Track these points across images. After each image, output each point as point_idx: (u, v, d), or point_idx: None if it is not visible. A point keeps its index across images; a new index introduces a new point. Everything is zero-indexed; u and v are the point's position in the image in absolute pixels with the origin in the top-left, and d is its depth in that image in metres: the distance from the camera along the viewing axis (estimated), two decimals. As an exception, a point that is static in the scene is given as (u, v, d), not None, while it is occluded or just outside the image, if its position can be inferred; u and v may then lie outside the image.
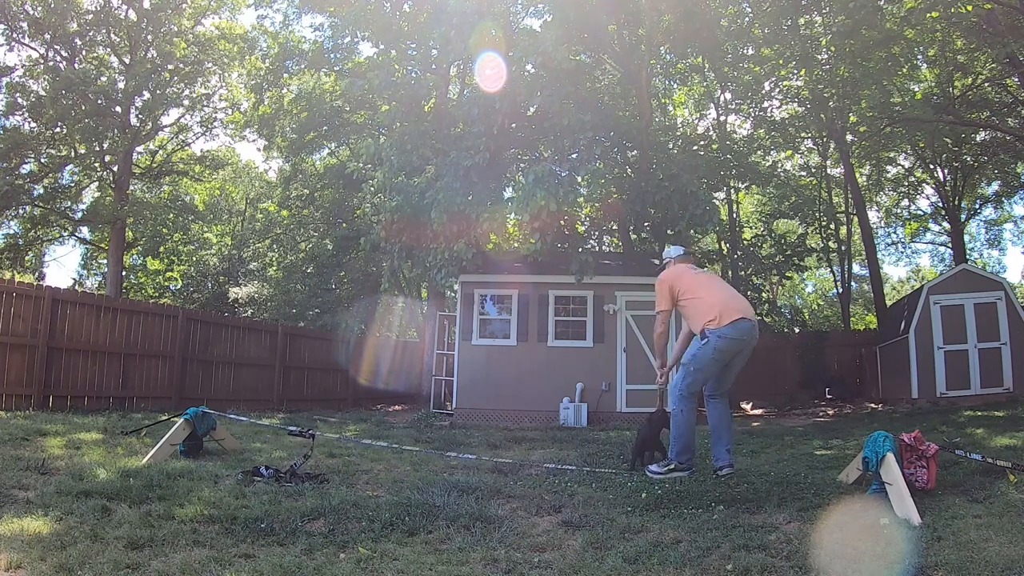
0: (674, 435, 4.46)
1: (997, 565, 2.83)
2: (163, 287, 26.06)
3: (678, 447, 4.42)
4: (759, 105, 19.02)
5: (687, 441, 4.42)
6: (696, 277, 4.70)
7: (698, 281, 4.66)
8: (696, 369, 4.38)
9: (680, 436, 4.43)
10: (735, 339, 4.36)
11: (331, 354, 14.98)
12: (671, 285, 4.70)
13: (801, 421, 11.06)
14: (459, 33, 11.83)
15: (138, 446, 5.93)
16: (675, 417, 4.43)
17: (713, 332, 4.32)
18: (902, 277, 35.44)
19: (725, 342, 4.33)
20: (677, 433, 4.45)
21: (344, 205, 20.77)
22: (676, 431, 4.44)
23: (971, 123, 16.33)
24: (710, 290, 4.60)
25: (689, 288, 4.64)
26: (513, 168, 14.79)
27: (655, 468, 4.44)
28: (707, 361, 4.37)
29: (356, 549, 3.28)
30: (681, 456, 4.40)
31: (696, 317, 4.52)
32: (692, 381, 4.41)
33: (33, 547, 3.00)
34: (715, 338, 4.31)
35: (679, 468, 4.37)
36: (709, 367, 4.40)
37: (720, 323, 4.34)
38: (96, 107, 16.92)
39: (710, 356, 4.35)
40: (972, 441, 6.34)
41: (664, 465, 4.40)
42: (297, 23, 31.73)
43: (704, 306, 4.48)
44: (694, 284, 4.66)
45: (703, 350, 4.35)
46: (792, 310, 28.08)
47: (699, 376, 4.41)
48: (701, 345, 4.37)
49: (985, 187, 22.42)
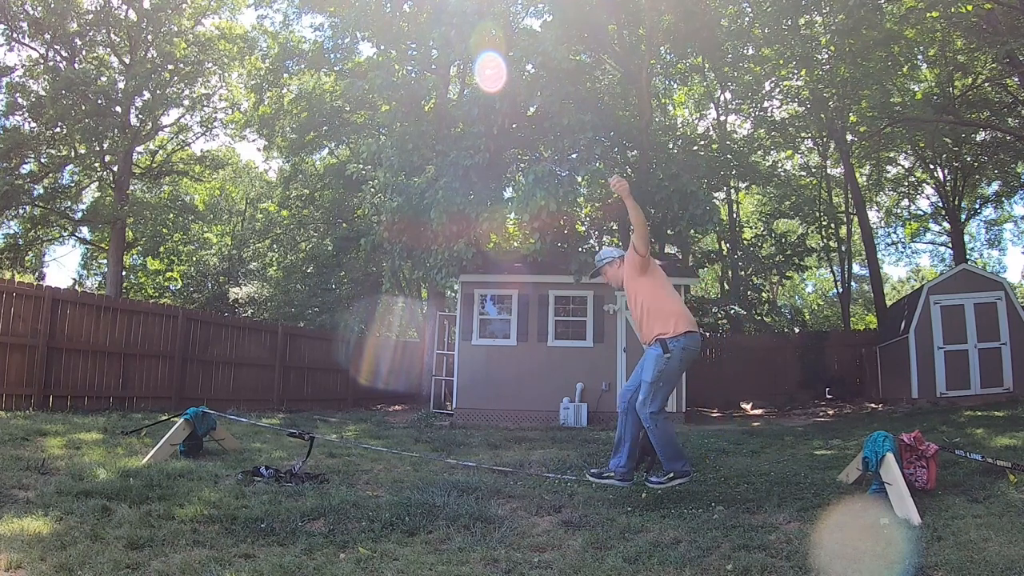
0: (660, 449, 4.35)
1: (997, 565, 2.83)
2: (163, 287, 26.06)
3: (668, 457, 4.33)
4: (759, 105, 19.03)
5: (675, 449, 4.33)
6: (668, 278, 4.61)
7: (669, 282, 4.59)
8: (664, 384, 4.29)
9: (666, 448, 4.32)
10: (693, 349, 4.35)
11: (331, 354, 14.98)
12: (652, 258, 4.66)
13: (801, 421, 11.06)
14: (459, 33, 11.83)
15: (138, 446, 5.93)
16: (653, 433, 4.30)
17: (677, 343, 4.27)
18: (902, 277, 35.47)
19: (687, 353, 4.31)
20: (663, 446, 4.33)
21: (344, 205, 20.78)
22: (661, 445, 4.33)
23: (971, 123, 16.32)
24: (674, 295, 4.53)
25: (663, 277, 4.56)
26: (513, 168, 14.78)
27: (655, 479, 4.33)
28: (674, 374, 4.31)
29: (356, 549, 3.28)
30: (674, 464, 4.32)
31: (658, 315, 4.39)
32: (662, 397, 4.29)
33: (33, 547, 3.00)
34: (679, 350, 4.27)
35: (678, 476, 4.30)
36: (675, 379, 4.35)
37: (678, 331, 4.29)
38: (96, 107, 16.91)
39: (676, 368, 4.29)
40: (972, 441, 6.34)
41: (664, 475, 4.31)
42: (297, 23, 31.72)
43: (668, 307, 4.40)
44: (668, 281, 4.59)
45: (669, 364, 4.26)
46: (792, 310, 28.05)
47: (667, 390, 4.31)
48: (666, 360, 4.26)
49: (985, 187, 22.42)
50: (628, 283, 4.63)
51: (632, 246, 4.52)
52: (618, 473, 4.39)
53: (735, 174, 19.19)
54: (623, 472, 4.40)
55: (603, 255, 4.92)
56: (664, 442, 4.28)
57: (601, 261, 4.91)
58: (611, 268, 4.83)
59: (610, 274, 4.86)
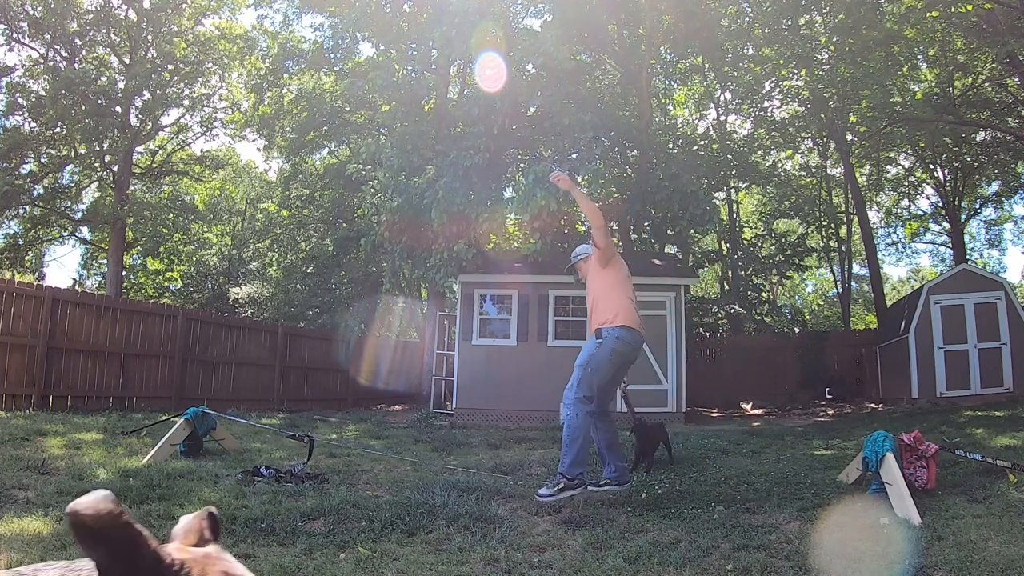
0: (567, 442, 4.16)
1: (997, 565, 2.83)
2: (163, 287, 26.05)
3: (571, 458, 4.11)
4: (759, 105, 19.03)
5: (579, 452, 4.13)
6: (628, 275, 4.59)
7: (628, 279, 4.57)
8: (592, 371, 4.22)
9: (572, 444, 4.14)
10: (631, 344, 4.31)
11: (331, 354, 14.98)
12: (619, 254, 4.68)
13: (801, 421, 11.06)
14: (459, 33, 11.83)
15: (138, 446, 5.93)
16: (568, 421, 4.19)
17: (612, 332, 4.24)
18: (902, 277, 35.46)
19: (621, 344, 4.25)
20: (570, 440, 4.14)
21: (344, 205, 20.78)
22: (569, 437, 4.15)
23: (971, 123, 16.32)
24: (630, 292, 4.51)
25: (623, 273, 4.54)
26: (513, 168, 14.80)
27: (544, 491, 4.09)
28: (603, 362, 4.23)
29: (356, 549, 3.28)
30: (572, 470, 4.10)
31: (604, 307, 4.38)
32: (588, 383, 4.22)
33: (33, 547, 3.00)
34: (612, 339, 4.23)
35: (569, 486, 4.07)
36: (605, 369, 4.26)
37: (616, 323, 4.27)
38: (96, 107, 16.91)
39: (606, 356, 4.22)
40: (972, 441, 6.34)
41: (554, 485, 4.09)
42: (297, 23, 31.70)
43: (615, 301, 4.36)
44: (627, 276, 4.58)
45: (600, 350, 4.22)
46: (792, 310, 28.07)
47: (595, 378, 4.22)
48: (597, 346, 4.24)
49: (985, 187, 22.42)
50: (589, 278, 4.63)
51: (592, 240, 4.53)
52: (613, 480, 4.38)
53: (735, 174, 19.19)
54: (616, 476, 4.40)
55: (577, 252, 4.91)
56: (573, 437, 4.15)
57: (576, 257, 4.90)
58: (584, 264, 4.81)
59: (583, 270, 4.84)
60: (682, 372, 11.37)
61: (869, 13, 13.31)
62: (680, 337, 11.52)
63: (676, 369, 11.30)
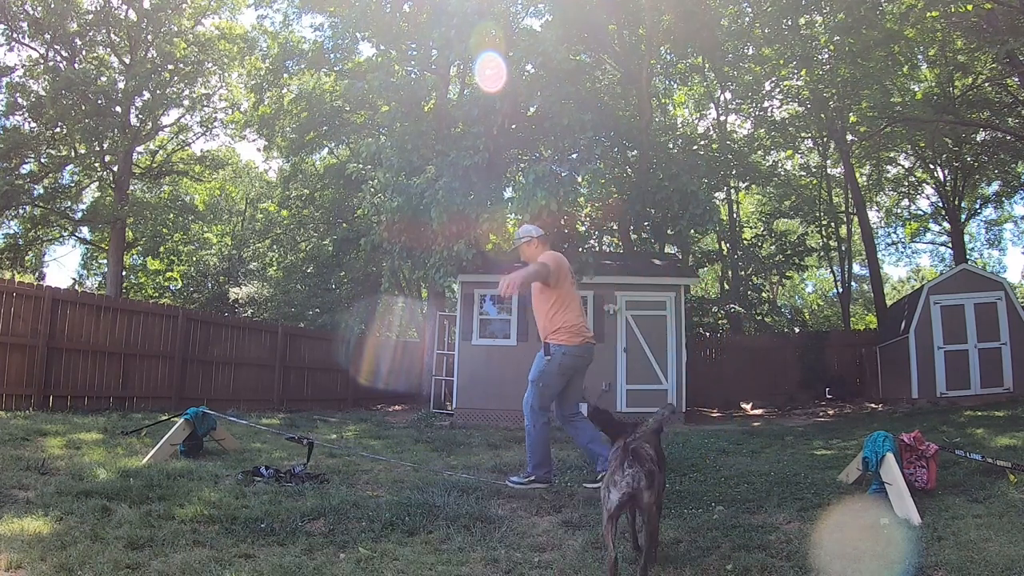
0: (530, 451, 4.57)
1: (997, 565, 2.83)
2: (163, 287, 26.05)
3: (535, 461, 4.53)
4: (759, 105, 19.03)
5: (543, 455, 4.54)
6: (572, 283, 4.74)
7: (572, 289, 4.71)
8: (544, 385, 4.51)
9: (535, 450, 4.53)
10: (579, 356, 4.55)
11: (331, 354, 14.98)
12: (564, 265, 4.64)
13: (801, 421, 11.06)
14: (459, 33, 11.82)
15: (138, 446, 5.93)
16: (529, 431, 4.55)
17: (559, 348, 4.47)
18: (902, 277, 35.48)
19: (569, 359, 4.50)
20: (533, 448, 4.54)
21: (344, 205, 20.77)
22: (531, 446, 4.55)
23: (971, 123, 16.33)
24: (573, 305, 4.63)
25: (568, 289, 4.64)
26: (513, 168, 14.79)
27: (515, 479, 4.53)
28: (553, 375, 4.50)
29: (356, 549, 3.28)
30: (538, 470, 4.51)
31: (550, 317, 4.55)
32: (542, 396, 4.52)
33: (33, 547, 3.00)
34: (559, 354, 4.47)
35: (539, 480, 4.50)
36: (556, 382, 4.54)
37: (569, 341, 4.49)
38: (96, 107, 16.91)
39: (555, 371, 4.49)
40: (972, 441, 6.34)
41: (526, 476, 4.53)
42: (297, 23, 31.68)
43: (560, 315, 4.54)
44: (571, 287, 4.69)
45: (548, 366, 4.48)
46: (792, 310, 28.09)
47: (547, 391, 4.53)
48: (546, 362, 4.49)
49: (985, 187, 22.43)
50: (534, 292, 4.77)
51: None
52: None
53: (735, 174, 19.20)
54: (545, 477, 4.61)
55: (520, 233, 4.99)
56: (536, 445, 4.51)
57: (519, 240, 4.97)
58: (528, 247, 4.90)
59: (527, 253, 4.91)
60: (682, 372, 11.37)
61: (869, 13, 13.31)
62: (680, 337, 11.52)
63: (676, 369, 11.31)
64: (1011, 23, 12.33)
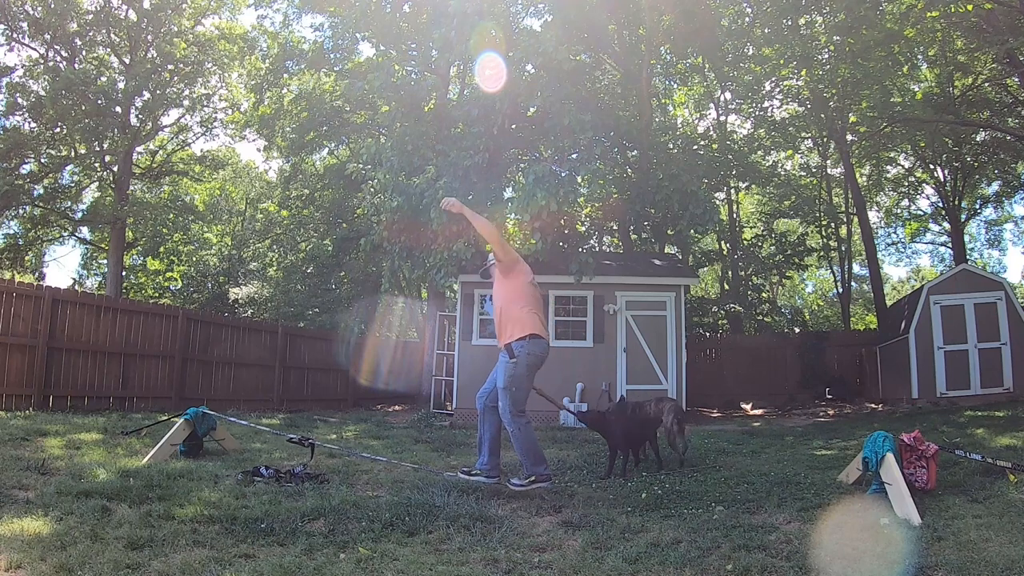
0: (522, 453, 4.62)
1: (997, 565, 2.83)
2: (163, 287, 26.04)
3: (530, 460, 4.58)
4: (759, 105, 19.02)
5: (536, 454, 4.61)
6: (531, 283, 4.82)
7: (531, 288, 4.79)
8: (517, 388, 4.58)
9: (528, 451, 4.59)
10: (538, 355, 4.64)
11: (331, 354, 14.97)
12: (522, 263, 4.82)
13: (801, 421, 11.06)
14: (459, 34, 11.81)
15: (138, 446, 5.93)
16: (515, 436, 4.60)
17: (521, 347, 4.56)
18: (902, 277, 35.48)
19: (532, 357, 4.60)
20: (524, 449, 4.60)
21: (344, 205, 20.77)
22: (522, 449, 4.60)
23: (971, 123, 16.33)
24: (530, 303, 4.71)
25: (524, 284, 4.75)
26: (513, 168, 14.78)
27: (516, 481, 4.56)
28: (522, 377, 4.59)
29: (356, 549, 3.28)
30: (537, 468, 4.56)
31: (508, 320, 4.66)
32: (516, 401, 4.58)
33: (33, 547, 3.00)
34: (524, 355, 4.57)
35: (539, 480, 4.54)
36: (524, 383, 4.62)
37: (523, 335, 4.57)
38: (96, 107, 16.91)
39: (523, 372, 4.58)
40: (972, 441, 6.34)
41: (526, 478, 4.54)
42: (297, 23, 31.76)
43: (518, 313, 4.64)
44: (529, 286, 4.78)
45: (517, 369, 4.57)
46: (792, 310, 28.10)
47: (520, 394, 4.60)
48: (513, 365, 4.57)
49: (985, 187, 22.44)
50: (495, 288, 4.89)
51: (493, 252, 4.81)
52: (484, 471, 4.69)
53: (735, 174, 19.19)
54: (487, 469, 4.72)
55: (490, 258, 5.10)
56: (525, 446, 4.58)
57: (489, 262, 5.09)
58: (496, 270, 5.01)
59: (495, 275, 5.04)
60: (682, 372, 11.37)
61: (869, 13, 13.31)
62: (680, 337, 11.52)
63: (676, 369, 11.30)
64: (1011, 23, 12.33)
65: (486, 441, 4.80)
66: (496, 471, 4.76)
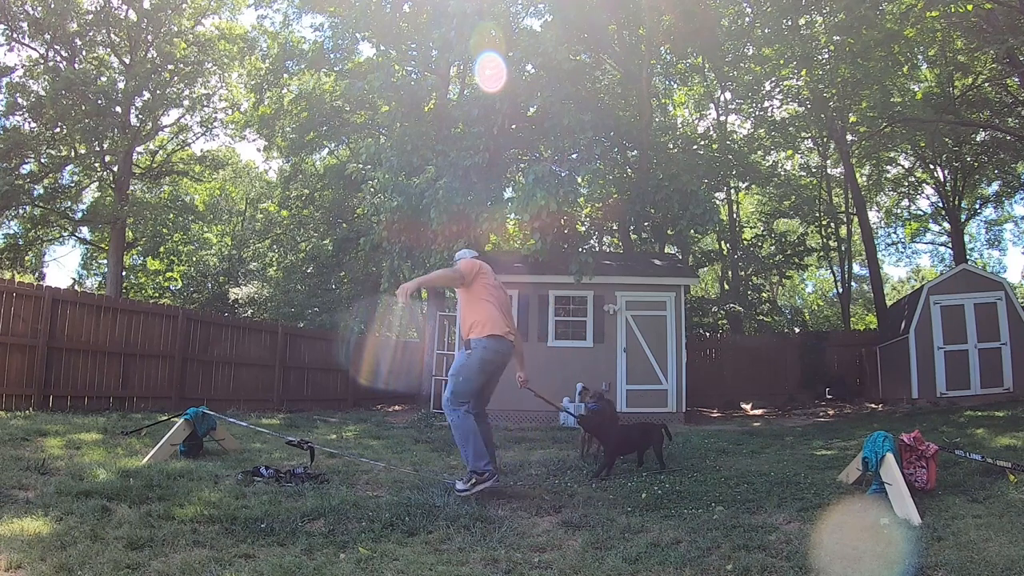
0: (460, 445, 4.53)
1: (997, 565, 2.83)
2: (163, 287, 26.05)
3: (471, 454, 4.43)
4: (759, 105, 19.03)
5: (476, 446, 4.43)
6: (494, 286, 4.83)
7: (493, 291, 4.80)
8: (464, 379, 4.55)
9: (465, 444, 4.46)
10: (498, 351, 4.63)
11: (331, 354, 14.97)
12: (481, 267, 4.83)
13: (801, 421, 11.06)
14: (459, 34, 11.82)
15: (138, 446, 5.93)
16: (452, 425, 4.55)
17: (479, 343, 4.57)
18: (902, 277, 35.49)
19: (489, 352, 4.58)
20: (462, 440, 4.49)
21: (344, 205, 20.77)
22: (459, 441, 4.51)
23: (971, 123, 16.33)
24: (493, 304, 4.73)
25: (486, 288, 4.77)
26: (513, 168, 14.79)
27: (460, 485, 4.36)
28: (472, 369, 4.56)
29: (356, 549, 3.28)
30: (478, 463, 4.40)
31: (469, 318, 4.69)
32: (460, 391, 4.54)
33: (33, 547, 3.00)
34: (480, 348, 4.55)
35: (480, 480, 4.34)
36: (475, 376, 4.58)
37: (483, 333, 4.59)
38: (96, 107, 16.91)
39: (475, 364, 4.56)
40: (972, 441, 6.34)
41: (467, 480, 4.35)
42: (297, 23, 31.73)
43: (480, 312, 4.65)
44: (491, 288, 4.80)
45: (469, 359, 4.56)
46: (792, 310, 28.11)
47: (466, 385, 4.55)
48: (467, 356, 4.58)
49: (985, 187, 22.44)
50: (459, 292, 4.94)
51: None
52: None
53: (735, 174, 19.19)
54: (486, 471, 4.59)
55: (459, 255, 5.17)
56: (462, 437, 4.49)
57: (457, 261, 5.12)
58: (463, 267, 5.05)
59: None
60: (682, 372, 11.37)
61: (869, 13, 13.31)
62: (680, 337, 11.52)
63: (676, 369, 11.30)
64: (1011, 23, 12.33)
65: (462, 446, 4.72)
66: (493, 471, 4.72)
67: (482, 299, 4.70)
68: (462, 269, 4.75)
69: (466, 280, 4.74)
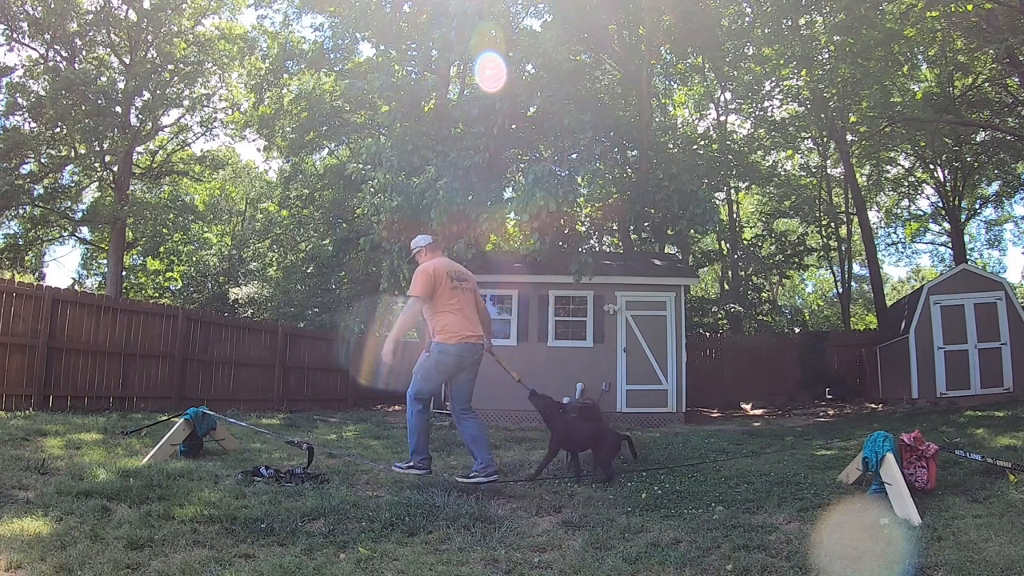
0: (409, 436, 4.86)
1: (997, 565, 2.83)
2: (163, 287, 26.06)
3: (411, 448, 4.85)
4: (759, 105, 19.04)
5: (418, 443, 4.81)
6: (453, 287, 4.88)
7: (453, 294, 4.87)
8: (422, 378, 4.84)
9: (411, 436, 4.83)
10: (457, 355, 4.78)
11: (331, 354, 14.96)
12: (436, 277, 4.85)
13: (801, 421, 11.06)
14: (459, 34, 11.81)
15: (138, 446, 5.93)
16: (408, 419, 4.87)
17: (437, 347, 4.77)
18: (902, 277, 35.49)
19: (445, 356, 4.76)
20: (410, 434, 4.85)
21: (344, 205, 20.76)
22: (409, 432, 4.86)
23: (971, 123, 16.33)
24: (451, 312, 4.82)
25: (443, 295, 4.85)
26: (513, 168, 14.78)
27: (398, 464, 4.93)
28: (431, 369, 4.81)
29: (356, 549, 3.28)
30: (415, 456, 4.80)
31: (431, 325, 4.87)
32: (419, 388, 4.83)
33: (33, 547, 3.00)
34: (437, 352, 4.77)
35: (416, 467, 4.79)
36: (433, 377, 4.85)
37: (447, 340, 4.75)
38: (96, 107, 16.91)
39: (433, 365, 4.79)
40: (972, 441, 6.34)
41: (406, 463, 4.86)
42: (297, 23, 31.75)
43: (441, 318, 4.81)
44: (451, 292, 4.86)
45: (427, 361, 4.81)
46: (792, 310, 28.09)
47: (425, 385, 4.84)
48: (425, 357, 4.83)
49: (985, 187, 22.44)
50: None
51: None
52: (480, 471, 4.72)
53: (735, 174, 19.19)
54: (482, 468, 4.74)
55: (414, 243, 5.32)
56: (413, 432, 4.82)
57: (414, 249, 5.30)
58: (420, 256, 5.23)
59: (418, 262, 5.22)
60: (682, 372, 11.36)
61: (869, 13, 13.31)
62: (680, 337, 11.51)
63: (676, 369, 11.30)
64: (1011, 23, 12.32)
65: (468, 444, 4.92)
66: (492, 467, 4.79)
67: (440, 311, 4.82)
68: (418, 293, 4.80)
69: (426, 300, 4.86)
